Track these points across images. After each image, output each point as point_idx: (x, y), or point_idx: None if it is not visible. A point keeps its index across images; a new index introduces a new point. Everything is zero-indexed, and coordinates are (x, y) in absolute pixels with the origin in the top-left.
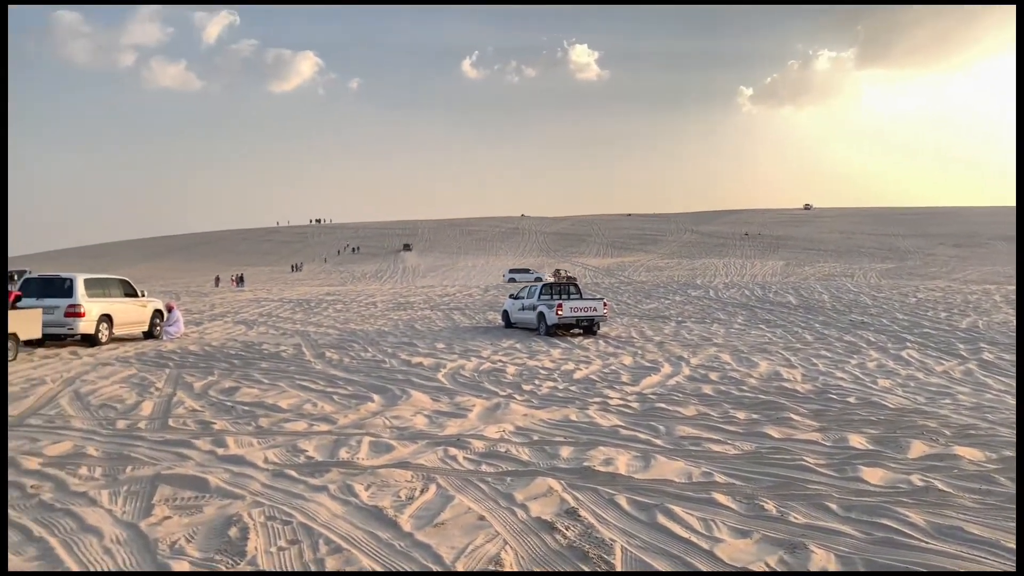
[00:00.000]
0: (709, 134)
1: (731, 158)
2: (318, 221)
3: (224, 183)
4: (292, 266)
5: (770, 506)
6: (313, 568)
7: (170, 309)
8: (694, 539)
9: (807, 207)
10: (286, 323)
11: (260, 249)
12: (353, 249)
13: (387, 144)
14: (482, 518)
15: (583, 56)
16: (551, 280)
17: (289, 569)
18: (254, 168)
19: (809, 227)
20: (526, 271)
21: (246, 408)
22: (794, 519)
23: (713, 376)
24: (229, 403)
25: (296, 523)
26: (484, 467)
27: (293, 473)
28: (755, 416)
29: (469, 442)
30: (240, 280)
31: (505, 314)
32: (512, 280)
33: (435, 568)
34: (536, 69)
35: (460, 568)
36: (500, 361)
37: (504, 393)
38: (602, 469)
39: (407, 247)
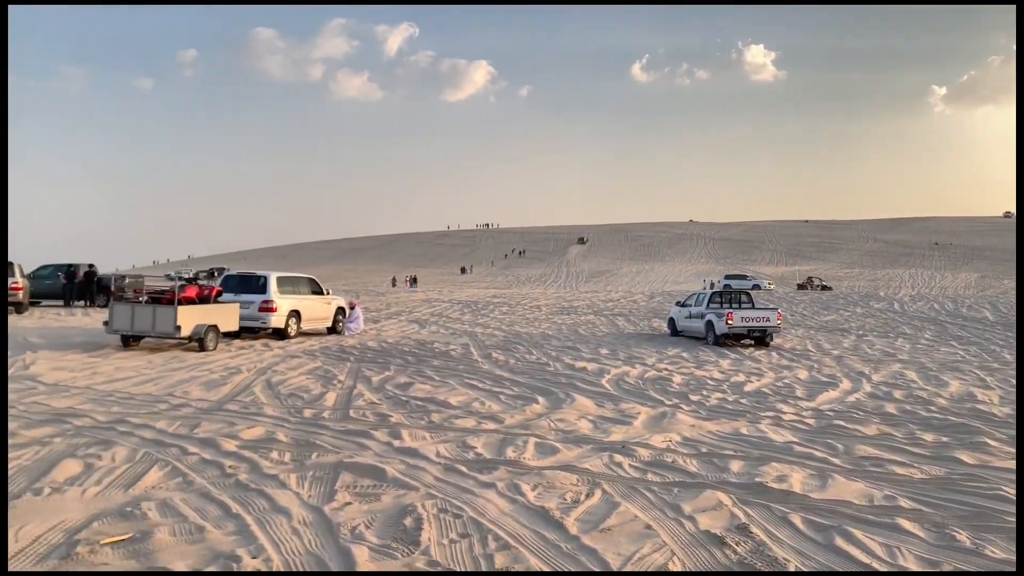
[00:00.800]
0: (896, 136)
1: (920, 161)
2: (486, 225)
3: (400, 188)
4: (461, 269)
5: (963, 536)
6: (483, 563)
7: (352, 307)
8: (876, 565)
9: (1007, 215)
10: (455, 323)
11: (432, 252)
12: (520, 252)
13: (555, 149)
14: (649, 527)
15: (759, 57)
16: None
17: (456, 568)
18: (428, 174)
19: (1009, 236)
20: (743, 277)
21: (419, 403)
22: (991, 553)
23: (897, 394)
24: (404, 398)
25: (467, 517)
26: (650, 475)
27: (463, 468)
28: (944, 439)
29: (635, 450)
30: (413, 281)
31: (671, 322)
32: (727, 287)
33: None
34: (708, 71)
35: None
36: (666, 369)
37: (670, 402)
38: (775, 486)
39: (582, 240)
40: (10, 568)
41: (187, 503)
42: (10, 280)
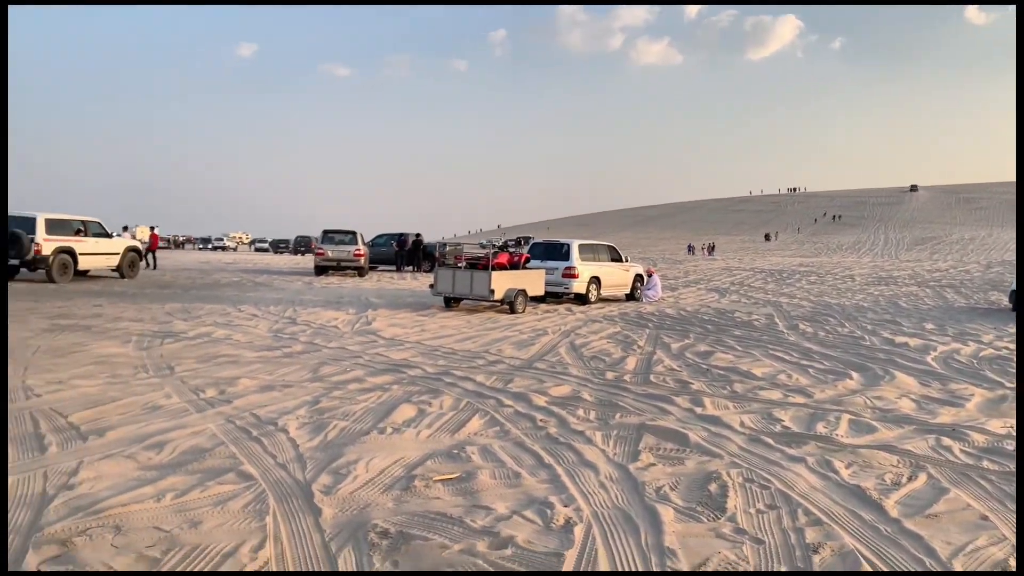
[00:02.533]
0: None
1: None
2: (792, 190)
3: (697, 154)
4: (765, 236)
5: None
6: (792, 536)
7: (649, 274)
8: None
9: None
10: (757, 292)
11: (731, 219)
12: (835, 217)
13: (873, 104)
14: (985, 518)
15: None
16: None
17: (763, 531)
18: (728, 137)
19: None
20: None
21: (720, 372)
22: None
23: None
24: (704, 366)
25: (774, 489)
26: (986, 463)
27: (769, 440)
28: None
29: (967, 434)
30: (711, 249)
31: (1013, 295)
32: None
33: (927, 560)
34: None
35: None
36: (1005, 348)
37: (1011, 385)
38: None
39: (914, 188)
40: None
41: (504, 450)
42: (353, 248)
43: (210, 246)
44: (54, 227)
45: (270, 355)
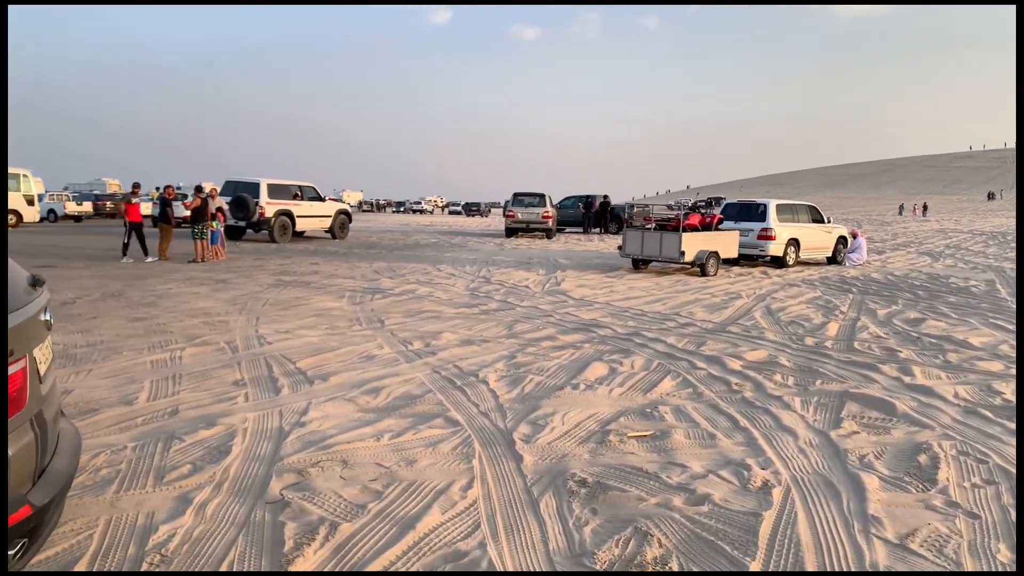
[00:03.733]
0: None
1: None
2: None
3: (908, 106)
4: (989, 194)
5: None
6: (1010, 513)
7: (854, 236)
8: None
9: None
10: (976, 257)
11: (948, 177)
12: None
13: None
14: None
15: None
16: None
17: None
18: (944, 90)
19: None
20: None
21: (932, 341)
22: None
23: None
24: (915, 334)
25: (992, 464)
26: None
27: (988, 414)
28: None
29: None
30: (924, 209)
31: None
32: None
33: None
34: None
35: None
36: None
37: None
38: None
39: None
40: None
41: (698, 411)
42: (541, 210)
43: (407, 209)
44: (275, 191)
45: (468, 312)
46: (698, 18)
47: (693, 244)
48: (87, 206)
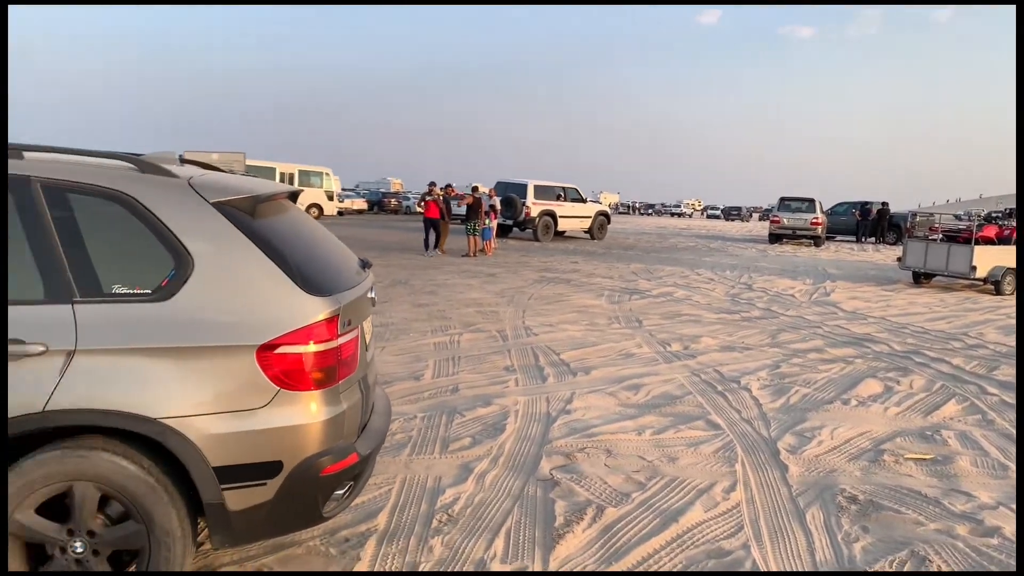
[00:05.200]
0: None
1: None
2: None
3: None
4: None
5: None
6: None
7: None
8: None
9: None
10: None
11: None
12: None
13: None
14: None
15: None
16: None
17: None
18: None
19: None
20: None
21: None
22: None
23: None
24: None
25: None
26: None
27: None
28: None
29: None
30: None
31: None
32: None
33: None
34: None
35: None
36: None
37: None
38: None
39: None
40: None
41: (988, 439)
42: (810, 216)
43: (661, 212)
44: (540, 192)
45: (728, 317)
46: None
47: (987, 258)
48: (360, 203)
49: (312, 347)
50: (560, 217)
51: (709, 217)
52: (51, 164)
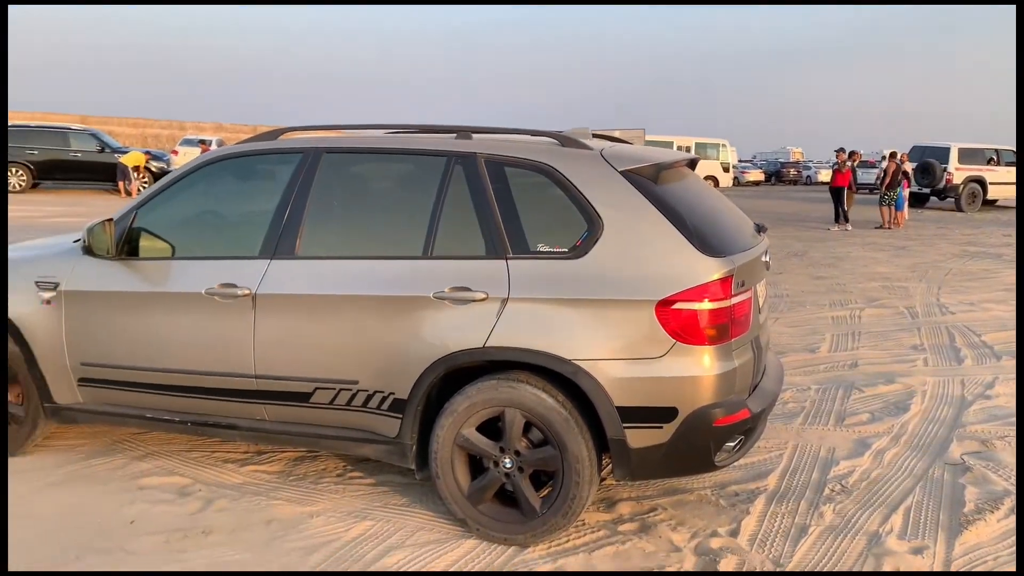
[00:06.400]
0: None
1: None
2: None
3: None
4: None
5: None
6: None
7: None
8: None
9: None
10: None
11: None
12: None
13: None
14: None
15: None
16: None
17: None
18: None
19: None
20: None
21: None
22: None
23: None
24: None
25: None
26: None
27: None
28: None
29: None
30: None
31: None
32: None
33: None
34: None
35: None
36: None
37: None
38: None
39: None
40: None
41: None
42: None
43: None
44: (966, 156)
45: None
46: None
47: None
48: (756, 174)
49: (707, 304)
50: (991, 184)
51: None
52: (491, 142)
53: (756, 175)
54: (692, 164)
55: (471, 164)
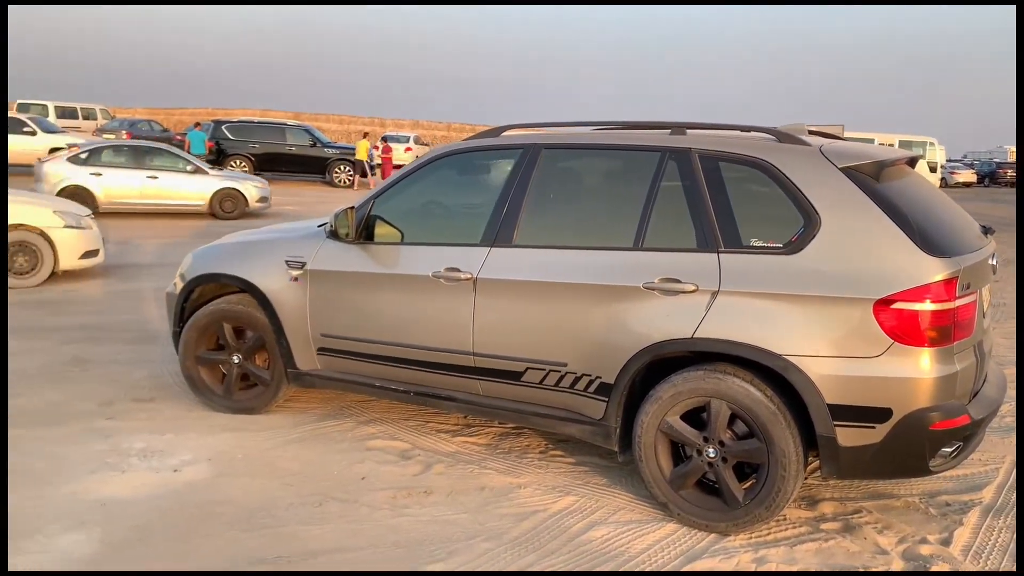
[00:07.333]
0: None
1: None
2: None
3: None
4: None
5: None
6: None
7: None
8: None
9: None
10: None
11: None
12: None
13: None
14: None
15: None
16: None
17: None
18: None
19: None
20: None
21: None
22: None
23: None
24: None
25: None
26: None
27: None
28: None
29: None
30: None
31: None
32: None
33: None
34: None
35: None
36: None
37: None
38: None
39: None
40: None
41: None
42: None
43: None
44: None
45: None
46: None
47: None
48: (967, 174)
49: (928, 305)
50: None
51: None
52: (705, 137)
53: (967, 176)
54: (912, 162)
55: (685, 159)
